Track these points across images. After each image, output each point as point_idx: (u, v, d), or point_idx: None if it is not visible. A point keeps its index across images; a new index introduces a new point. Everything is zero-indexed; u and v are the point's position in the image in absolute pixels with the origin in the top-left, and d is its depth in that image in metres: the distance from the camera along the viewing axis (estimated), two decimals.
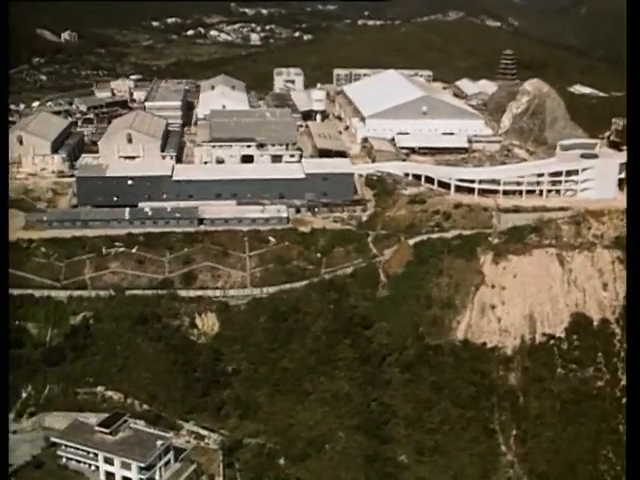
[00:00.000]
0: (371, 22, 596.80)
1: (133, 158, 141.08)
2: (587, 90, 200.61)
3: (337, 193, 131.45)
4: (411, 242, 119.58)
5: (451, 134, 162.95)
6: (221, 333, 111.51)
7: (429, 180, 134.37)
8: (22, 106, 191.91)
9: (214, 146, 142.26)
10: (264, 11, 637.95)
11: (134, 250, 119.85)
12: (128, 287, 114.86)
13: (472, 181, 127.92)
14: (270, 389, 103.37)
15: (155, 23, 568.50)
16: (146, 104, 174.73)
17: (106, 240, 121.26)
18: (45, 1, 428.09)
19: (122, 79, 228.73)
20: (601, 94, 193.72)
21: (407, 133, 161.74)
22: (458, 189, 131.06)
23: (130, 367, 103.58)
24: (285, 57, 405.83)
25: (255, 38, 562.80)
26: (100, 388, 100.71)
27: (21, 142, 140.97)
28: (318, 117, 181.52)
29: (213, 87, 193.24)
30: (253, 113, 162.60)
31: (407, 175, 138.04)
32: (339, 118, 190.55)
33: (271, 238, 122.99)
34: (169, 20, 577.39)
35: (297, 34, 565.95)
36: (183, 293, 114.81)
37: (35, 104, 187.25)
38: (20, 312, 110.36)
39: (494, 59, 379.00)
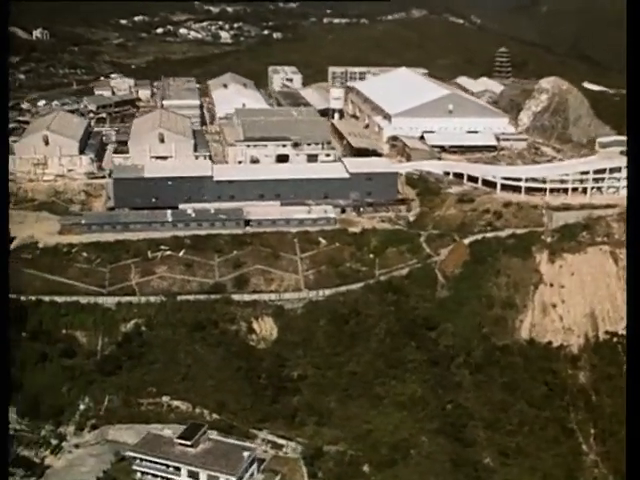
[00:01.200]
0: (336, 20, 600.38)
1: (165, 158, 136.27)
2: (596, 87, 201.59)
3: (381, 193, 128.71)
4: (466, 242, 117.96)
5: (476, 132, 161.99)
6: (281, 338, 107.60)
7: (471, 179, 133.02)
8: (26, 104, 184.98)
9: (248, 145, 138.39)
10: (229, 9, 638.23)
11: (181, 254, 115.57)
12: (179, 292, 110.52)
13: (519, 179, 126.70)
14: (340, 394, 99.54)
15: (123, 21, 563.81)
16: (164, 102, 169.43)
17: (150, 244, 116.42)
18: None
19: (121, 77, 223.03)
20: (612, 91, 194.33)
21: (433, 131, 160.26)
22: (503, 187, 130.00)
23: (193, 375, 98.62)
24: (266, 55, 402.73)
25: (225, 36, 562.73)
26: (165, 398, 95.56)
27: (47, 142, 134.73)
28: (336, 115, 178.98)
29: (226, 85, 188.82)
30: (279, 112, 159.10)
31: (447, 174, 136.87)
32: (354, 116, 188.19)
33: (321, 239, 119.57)
34: (137, 18, 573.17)
35: (266, 32, 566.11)
36: (237, 297, 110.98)
37: (41, 103, 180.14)
38: (66, 320, 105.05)
39: (472, 56, 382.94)
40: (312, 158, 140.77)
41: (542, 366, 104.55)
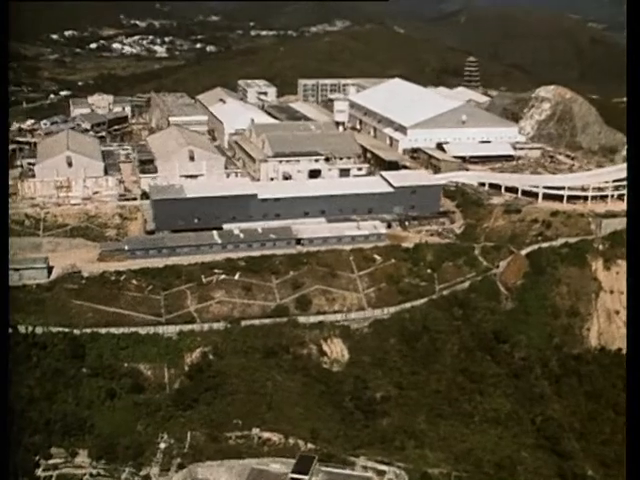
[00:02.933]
0: (264, 32, 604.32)
1: (195, 177, 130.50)
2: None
3: (425, 206, 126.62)
4: (522, 253, 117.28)
5: (488, 142, 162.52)
6: (353, 359, 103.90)
7: (508, 189, 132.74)
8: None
9: (280, 161, 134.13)
10: (156, 23, 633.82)
11: (237, 277, 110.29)
12: (242, 317, 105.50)
13: (561, 188, 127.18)
14: (429, 414, 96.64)
15: (54, 36, 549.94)
16: (170, 119, 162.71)
17: (203, 267, 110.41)
18: None
19: (98, 94, 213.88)
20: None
21: (447, 142, 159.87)
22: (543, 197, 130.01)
23: (278, 404, 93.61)
24: (222, 69, 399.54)
25: (161, 50, 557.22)
26: (255, 430, 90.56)
27: (70, 164, 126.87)
28: (340, 128, 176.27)
29: (223, 100, 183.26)
30: (297, 126, 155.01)
31: (482, 185, 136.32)
32: (353, 129, 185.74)
33: (376, 256, 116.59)
34: (67, 33, 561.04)
35: (198, 45, 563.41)
36: (302, 319, 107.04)
37: (28, 123, 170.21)
38: (127, 353, 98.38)
39: (421, 66, 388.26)
40: (344, 172, 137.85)
41: (619, 373, 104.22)
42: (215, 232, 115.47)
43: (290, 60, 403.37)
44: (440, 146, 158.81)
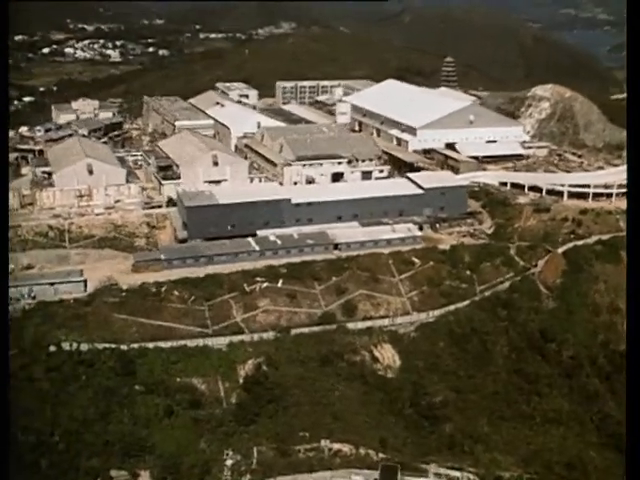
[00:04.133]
0: (212, 35, 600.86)
1: (218, 182, 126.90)
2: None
3: (453, 207, 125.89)
4: (559, 251, 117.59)
5: (494, 141, 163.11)
6: (406, 364, 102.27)
7: (530, 188, 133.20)
8: None
9: (304, 165, 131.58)
10: (104, 26, 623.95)
11: (279, 284, 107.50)
12: (291, 325, 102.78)
13: (587, 186, 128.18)
14: (490, 416, 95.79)
15: None
16: (177, 124, 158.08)
17: (244, 276, 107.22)
18: None
19: (83, 99, 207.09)
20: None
21: (455, 142, 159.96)
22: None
23: (341, 413, 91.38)
24: (189, 73, 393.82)
25: (115, 55, 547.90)
26: (325, 442, 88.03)
27: (91, 171, 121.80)
28: None
29: (222, 104, 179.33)
30: (311, 129, 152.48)
31: (504, 184, 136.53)
32: (353, 130, 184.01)
33: (414, 259, 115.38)
34: (17, 38, 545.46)
35: (151, 49, 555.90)
36: (351, 326, 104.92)
37: (23, 129, 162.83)
38: (179, 367, 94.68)
39: (382, 67, 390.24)
40: (366, 175, 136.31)
41: None
42: (251, 239, 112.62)
43: (257, 63, 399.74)
44: (450, 146, 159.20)
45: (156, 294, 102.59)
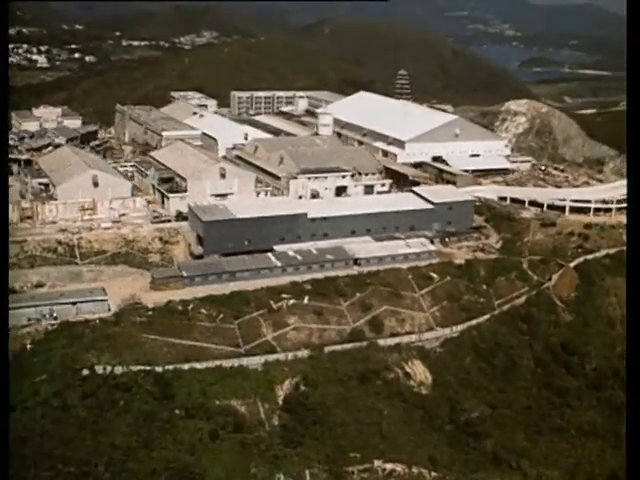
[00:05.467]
0: (136, 42, 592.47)
1: (225, 196, 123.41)
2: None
3: (460, 221, 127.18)
4: (571, 265, 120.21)
5: (477, 155, 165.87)
6: (438, 380, 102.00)
7: (531, 203, 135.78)
8: None
9: (309, 178, 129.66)
10: (25, 30, 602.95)
11: (306, 301, 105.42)
12: (323, 343, 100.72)
13: (588, 201, 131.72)
14: (526, 431, 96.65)
15: None
16: (164, 134, 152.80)
17: (270, 292, 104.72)
18: None
19: (44, 106, 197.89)
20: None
21: (441, 156, 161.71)
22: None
23: (387, 432, 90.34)
24: (130, 81, 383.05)
25: (42, 61, 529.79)
26: (377, 462, 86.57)
27: (96, 184, 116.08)
28: None
29: (201, 115, 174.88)
30: (302, 140, 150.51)
31: (504, 199, 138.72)
32: None
33: (432, 274, 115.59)
34: None
35: (77, 55, 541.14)
36: (380, 342, 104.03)
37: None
38: (216, 389, 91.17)
39: (320, 77, 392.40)
40: (369, 189, 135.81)
41: None
42: (271, 254, 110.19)
43: (198, 72, 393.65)
44: (436, 160, 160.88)
45: (183, 312, 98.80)
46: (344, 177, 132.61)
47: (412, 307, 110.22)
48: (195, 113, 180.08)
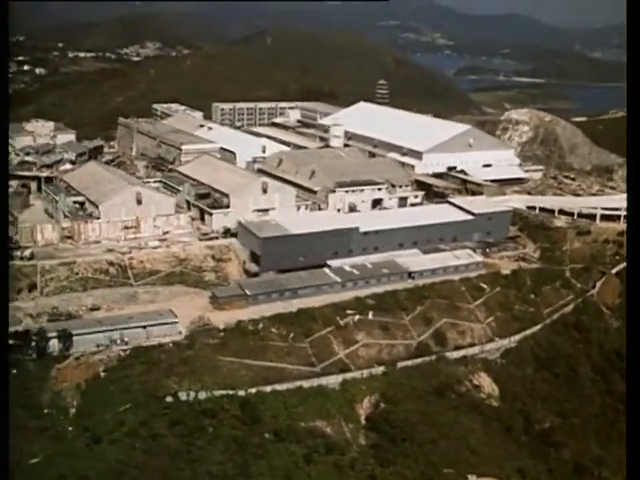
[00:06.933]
0: (82, 54, 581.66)
1: (266, 211, 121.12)
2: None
3: (498, 232, 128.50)
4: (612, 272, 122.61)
5: (489, 165, 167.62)
6: (505, 391, 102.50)
7: (561, 212, 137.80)
8: None
9: (347, 191, 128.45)
10: None
11: (370, 316, 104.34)
12: (393, 359, 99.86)
13: (618, 209, 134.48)
14: (598, 439, 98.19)
15: None
16: (183, 148, 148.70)
17: (335, 309, 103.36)
18: None
19: (36, 120, 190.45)
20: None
21: (455, 167, 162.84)
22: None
23: (474, 446, 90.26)
24: (95, 93, 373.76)
25: None
26: (471, 477, 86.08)
27: (140, 201, 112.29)
28: None
29: (210, 127, 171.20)
30: (326, 153, 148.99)
31: (533, 208, 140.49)
32: None
33: (482, 284, 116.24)
34: None
35: (26, 67, 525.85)
36: (447, 355, 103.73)
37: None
38: (300, 411, 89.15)
39: (280, 87, 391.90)
40: (402, 201, 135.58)
41: None
42: (327, 270, 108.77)
43: (164, 84, 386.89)
44: (451, 170, 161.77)
45: (255, 332, 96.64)
46: (380, 189, 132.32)
47: (469, 319, 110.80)
48: (202, 125, 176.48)
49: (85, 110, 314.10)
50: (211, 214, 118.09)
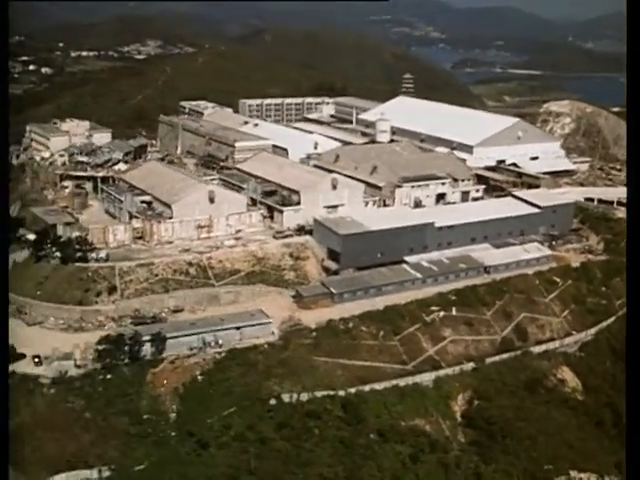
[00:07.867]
0: (84, 53, 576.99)
1: (335, 207, 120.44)
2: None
3: (562, 224, 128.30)
4: None
5: (536, 158, 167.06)
6: (588, 385, 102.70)
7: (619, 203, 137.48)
8: None
9: (413, 186, 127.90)
10: None
11: (454, 312, 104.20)
12: (480, 354, 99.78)
13: None
14: None
15: None
16: (236, 145, 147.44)
17: (419, 305, 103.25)
18: None
19: (71, 120, 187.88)
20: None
21: (504, 160, 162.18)
22: None
23: (570, 441, 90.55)
24: (113, 91, 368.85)
25: None
26: (573, 473, 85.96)
27: (212, 200, 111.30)
28: None
29: (256, 124, 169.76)
30: (384, 148, 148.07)
31: (590, 200, 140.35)
32: None
33: (555, 278, 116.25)
34: None
35: (32, 67, 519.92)
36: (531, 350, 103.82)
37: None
38: (399, 410, 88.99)
39: (293, 84, 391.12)
40: (465, 195, 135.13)
41: None
42: (406, 266, 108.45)
43: (182, 81, 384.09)
44: (500, 163, 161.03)
45: (346, 332, 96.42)
46: (443, 184, 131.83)
47: (546, 312, 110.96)
48: (246, 122, 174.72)
49: (106, 109, 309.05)
50: (282, 211, 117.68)
